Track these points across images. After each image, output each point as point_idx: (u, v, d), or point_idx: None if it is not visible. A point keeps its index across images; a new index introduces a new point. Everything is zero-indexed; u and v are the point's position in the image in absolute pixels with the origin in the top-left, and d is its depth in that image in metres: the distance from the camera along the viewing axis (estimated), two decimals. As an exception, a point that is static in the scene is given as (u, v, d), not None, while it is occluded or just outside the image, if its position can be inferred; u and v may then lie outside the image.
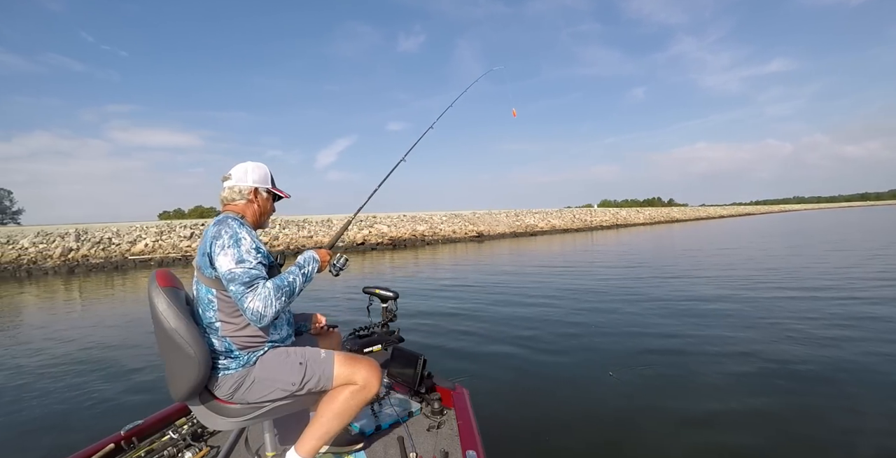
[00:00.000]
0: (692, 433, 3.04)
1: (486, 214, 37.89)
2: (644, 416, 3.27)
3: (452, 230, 30.45)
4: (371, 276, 12.60)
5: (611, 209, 58.99)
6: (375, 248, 24.28)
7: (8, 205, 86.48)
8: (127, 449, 2.19)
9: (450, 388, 2.61)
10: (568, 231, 36.26)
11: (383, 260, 17.68)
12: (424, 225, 30.35)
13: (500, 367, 4.36)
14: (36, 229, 25.79)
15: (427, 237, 28.01)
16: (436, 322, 6.35)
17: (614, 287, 8.69)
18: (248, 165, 1.98)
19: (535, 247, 21.78)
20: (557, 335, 5.37)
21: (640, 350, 4.72)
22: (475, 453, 1.91)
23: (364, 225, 28.48)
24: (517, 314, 6.68)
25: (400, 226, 29.29)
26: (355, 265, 15.93)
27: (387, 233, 27.10)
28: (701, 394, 3.63)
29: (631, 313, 6.38)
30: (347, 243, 24.58)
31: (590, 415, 3.31)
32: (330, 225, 27.95)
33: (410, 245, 25.64)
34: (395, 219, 31.38)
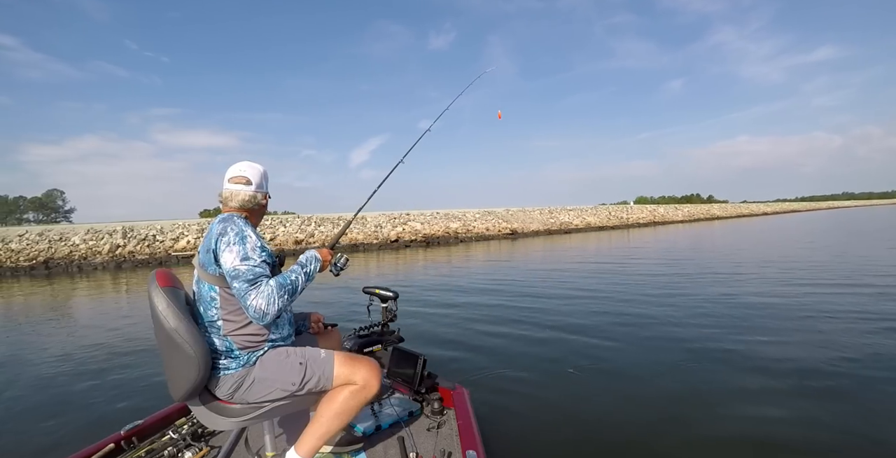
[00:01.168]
0: (694, 433, 3.00)
1: (519, 212, 37.53)
2: (645, 416, 3.24)
3: (486, 228, 30.28)
4: (398, 274, 12.61)
5: (648, 206, 57.45)
6: (409, 245, 24.33)
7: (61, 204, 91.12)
8: (127, 449, 2.20)
9: (450, 388, 2.62)
10: (604, 229, 35.55)
11: (417, 258, 17.67)
12: (458, 222, 30.27)
13: (500, 367, 4.32)
14: (86, 226, 26.93)
15: (460, 235, 27.92)
16: (437, 322, 6.29)
17: (637, 287, 8.45)
18: (259, 168, 1.98)
19: (568, 245, 21.38)
20: (561, 336, 5.32)
21: (650, 353, 4.61)
22: (475, 453, 1.91)
23: (397, 222, 28.61)
24: (524, 314, 6.58)
25: (433, 223, 29.29)
26: (389, 263, 15.98)
27: (420, 230, 27.13)
28: (707, 395, 3.57)
29: (643, 315, 6.17)
30: (382, 241, 24.74)
31: (590, 415, 3.28)
32: (364, 222, 28.17)
33: (444, 243, 25.61)
34: (429, 216, 31.39)
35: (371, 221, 28.44)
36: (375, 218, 29.62)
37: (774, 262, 11.45)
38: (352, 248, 23.37)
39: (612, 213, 43.02)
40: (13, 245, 21.57)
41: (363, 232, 25.86)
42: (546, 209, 40.60)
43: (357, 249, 23.25)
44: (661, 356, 4.47)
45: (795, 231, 24.73)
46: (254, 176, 1.94)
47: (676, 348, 4.71)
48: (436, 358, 4.42)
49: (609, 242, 22.36)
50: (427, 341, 5.32)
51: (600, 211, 43.47)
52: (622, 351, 4.68)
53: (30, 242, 22.05)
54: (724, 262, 11.80)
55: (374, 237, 25.25)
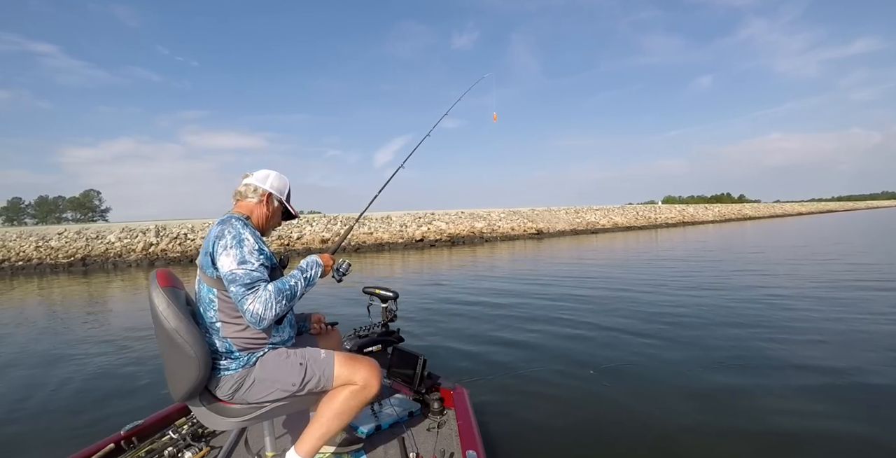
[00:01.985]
0: (706, 439, 2.92)
1: (545, 211, 37.20)
2: (647, 417, 3.19)
3: (511, 227, 30.10)
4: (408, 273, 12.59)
5: (676, 206, 56.21)
6: (434, 245, 24.34)
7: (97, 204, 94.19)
8: (127, 449, 2.20)
9: (450, 388, 2.61)
10: (631, 229, 34.98)
11: (441, 257, 17.65)
12: (483, 222, 30.16)
13: (500, 367, 4.29)
14: (121, 225, 27.75)
15: (486, 234, 27.82)
16: (438, 322, 6.26)
17: (663, 288, 8.16)
18: (272, 173, 2.01)
19: (595, 245, 21.09)
20: (569, 337, 5.24)
21: (669, 355, 4.49)
22: (475, 453, 1.90)
23: (422, 222, 28.65)
24: (534, 315, 6.49)
25: (458, 223, 29.25)
26: (414, 262, 15.99)
27: (445, 230, 27.12)
28: (706, 396, 3.51)
29: (667, 316, 5.98)
30: (407, 240, 24.80)
31: (591, 416, 3.25)
32: (389, 222, 28.29)
33: (469, 242, 25.55)
34: (453, 216, 31.36)
35: (396, 221, 28.55)
36: (400, 217, 29.72)
37: (811, 263, 11.05)
38: (377, 247, 23.50)
39: (640, 213, 42.28)
40: (53, 243, 22.36)
41: (388, 232, 25.98)
42: (572, 209, 40.13)
43: (382, 248, 23.37)
44: (681, 359, 4.35)
45: (833, 231, 23.86)
46: (259, 173, 2.00)
47: (700, 350, 4.54)
48: (436, 358, 4.36)
49: (637, 242, 21.97)
50: (427, 341, 5.29)
51: (627, 211, 42.78)
52: (637, 352, 4.57)
53: (68, 240, 22.84)
54: (757, 263, 11.40)
55: (399, 237, 25.33)
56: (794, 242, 18.40)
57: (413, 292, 9.07)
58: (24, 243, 22.40)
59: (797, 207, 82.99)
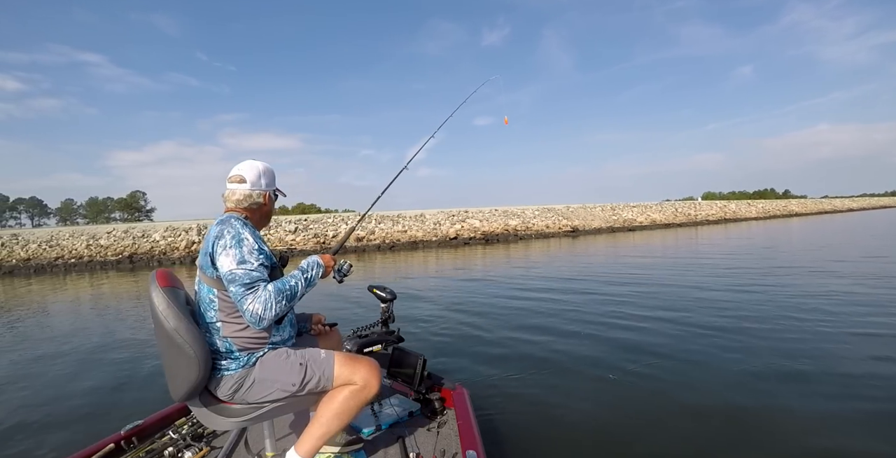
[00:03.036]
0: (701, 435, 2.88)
1: (580, 208, 36.61)
2: (647, 418, 3.17)
3: (546, 225, 29.74)
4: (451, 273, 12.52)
5: (717, 202, 54.41)
6: (468, 243, 24.27)
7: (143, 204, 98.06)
8: (127, 449, 2.20)
9: (450, 388, 2.61)
10: (670, 226, 34.04)
11: (474, 255, 17.56)
12: (517, 220, 29.91)
13: (501, 367, 4.24)
14: (165, 224, 28.76)
15: (520, 232, 27.57)
16: (438, 322, 6.18)
17: (697, 289, 7.77)
18: (258, 166, 1.93)
19: (632, 243, 20.59)
20: (567, 338, 5.14)
21: (661, 354, 4.39)
22: (475, 453, 1.90)
23: (456, 220, 28.61)
24: (538, 314, 6.40)
25: (492, 221, 29.08)
26: (447, 260, 15.96)
27: (479, 228, 27.00)
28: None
29: (696, 321, 5.64)
30: (441, 238, 24.81)
31: (591, 416, 3.22)
32: (423, 220, 28.36)
33: (503, 240, 25.36)
34: (487, 214, 31.20)
35: (430, 219, 28.60)
36: (434, 215, 29.76)
37: (867, 263, 10.46)
38: (411, 245, 23.59)
39: (679, 209, 41.12)
40: (102, 241, 23.37)
41: (422, 229, 26.04)
42: (608, 206, 39.36)
43: (416, 246, 23.43)
44: (701, 364, 4.14)
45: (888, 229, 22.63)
46: (250, 174, 1.91)
47: (727, 357, 4.28)
48: (436, 358, 4.43)
49: (675, 239, 21.33)
50: (428, 340, 5.24)
51: (666, 207, 41.67)
52: (651, 355, 4.42)
53: (116, 238, 23.82)
54: (805, 263, 10.77)
55: (433, 235, 25.36)
56: (845, 240, 17.51)
57: (422, 291, 9.06)
58: (77, 242, 23.49)
59: (847, 202, 79.15)
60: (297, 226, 25.64)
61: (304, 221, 27.16)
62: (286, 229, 25.03)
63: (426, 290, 9.30)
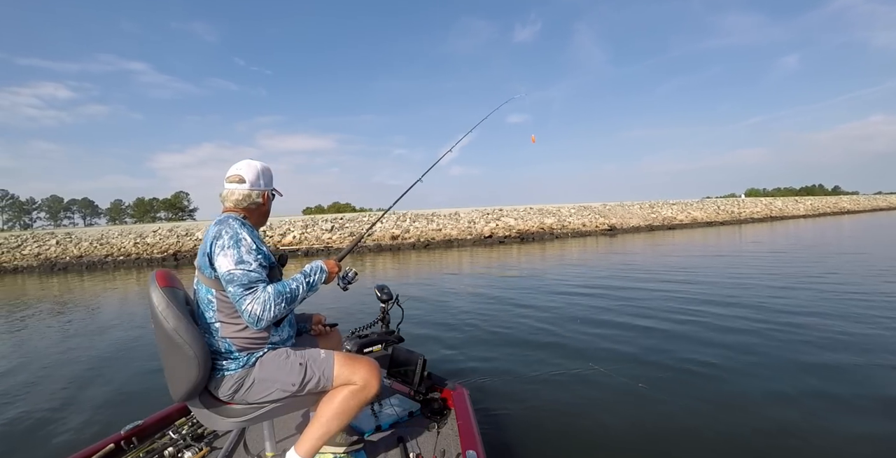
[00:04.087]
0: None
1: (617, 206, 35.84)
2: (649, 419, 3.12)
3: (582, 223, 29.24)
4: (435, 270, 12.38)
5: (762, 199, 52.29)
6: (503, 241, 24.08)
7: (186, 204, 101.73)
8: (127, 449, 2.19)
9: (450, 388, 2.60)
10: (712, 224, 32.92)
11: (509, 254, 17.37)
12: (552, 218, 29.51)
13: (500, 367, 4.22)
14: (207, 223, 29.59)
15: (556, 231, 27.18)
16: (439, 322, 6.13)
17: (737, 291, 7.35)
18: (257, 166, 1.92)
19: (671, 241, 19.97)
20: (568, 338, 5.07)
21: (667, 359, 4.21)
22: (475, 453, 1.89)
23: (490, 218, 28.45)
24: (530, 313, 6.34)
25: (527, 219, 28.79)
26: (482, 258, 15.84)
27: (514, 226, 26.77)
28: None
29: (689, 323, 5.38)
30: (475, 236, 24.70)
31: (591, 416, 3.19)
32: (457, 218, 28.31)
33: (538, 239, 25.05)
34: (522, 212, 30.91)
35: (464, 217, 28.53)
36: (468, 214, 29.68)
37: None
38: (446, 243, 23.57)
39: (721, 207, 39.72)
40: (148, 239, 24.29)
41: (457, 228, 25.99)
42: (646, 204, 38.38)
43: (451, 245, 23.40)
44: (714, 365, 3.99)
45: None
46: (248, 174, 1.89)
47: (758, 373, 3.96)
48: (436, 358, 4.40)
49: (717, 238, 20.57)
50: (429, 340, 5.20)
51: (707, 205, 40.31)
52: (663, 356, 4.30)
53: (161, 236, 24.72)
54: (863, 266, 10.04)
55: (467, 233, 25.28)
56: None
57: (432, 290, 8.99)
58: (125, 240, 24.48)
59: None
60: (333, 225, 26.00)
61: (340, 220, 27.52)
62: (323, 227, 25.42)
63: (436, 289, 9.23)
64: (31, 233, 29.45)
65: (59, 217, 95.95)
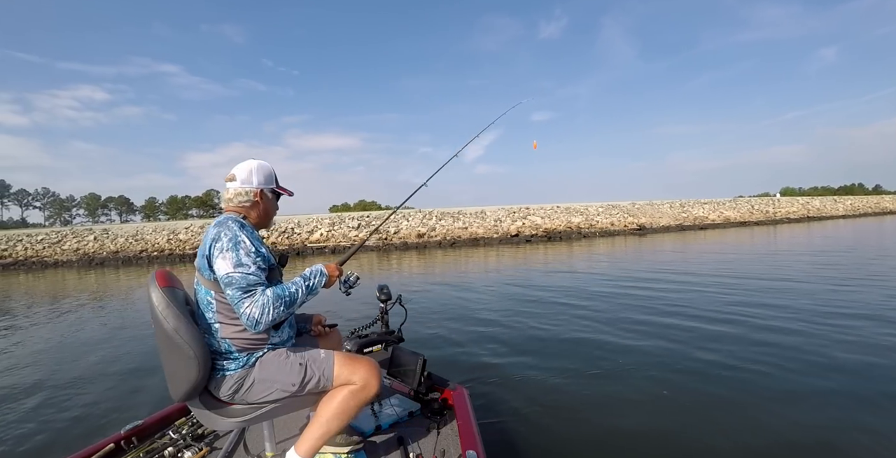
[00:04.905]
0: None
1: (647, 205, 35.17)
2: (650, 421, 3.09)
3: (610, 222, 28.78)
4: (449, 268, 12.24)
5: (799, 198, 50.58)
6: (530, 240, 23.88)
7: (217, 202, 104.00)
8: (127, 449, 2.19)
9: (450, 388, 2.60)
10: (745, 224, 32.02)
11: (535, 253, 17.19)
12: (580, 217, 29.14)
13: (502, 367, 4.20)
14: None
15: (583, 230, 26.83)
16: (444, 322, 6.08)
17: (763, 295, 7.00)
18: (252, 164, 1.92)
19: (702, 241, 19.46)
20: (570, 338, 5.02)
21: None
22: (475, 453, 1.89)
23: (517, 217, 28.26)
24: (541, 313, 6.27)
25: (554, 218, 28.50)
26: (506, 258, 15.71)
27: (541, 225, 26.53)
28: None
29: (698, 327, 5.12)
30: (501, 235, 24.55)
31: (591, 416, 3.17)
32: (483, 217, 28.20)
33: (566, 238, 24.77)
34: (549, 211, 30.60)
35: (490, 216, 28.41)
36: (494, 212, 29.54)
37: None
38: (472, 242, 23.50)
39: (756, 206, 38.59)
40: (181, 236, 24.91)
41: (483, 226, 25.90)
42: (677, 203, 37.54)
43: (477, 243, 23.32)
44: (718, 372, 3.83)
45: None
46: (241, 172, 1.90)
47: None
48: (437, 358, 4.31)
49: (751, 239, 19.95)
50: (429, 340, 5.16)
51: (740, 204, 39.20)
52: (671, 358, 4.21)
53: (193, 233, 25.29)
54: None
55: (493, 231, 25.16)
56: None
57: (444, 290, 8.88)
58: (159, 236, 25.15)
59: (952, 199, 71.37)
60: (359, 222, 26.19)
61: (367, 218, 27.71)
62: (349, 225, 25.63)
63: (450, 288, 9.16)
64: (70, 229, 30.57)
65: (97, 214, 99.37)
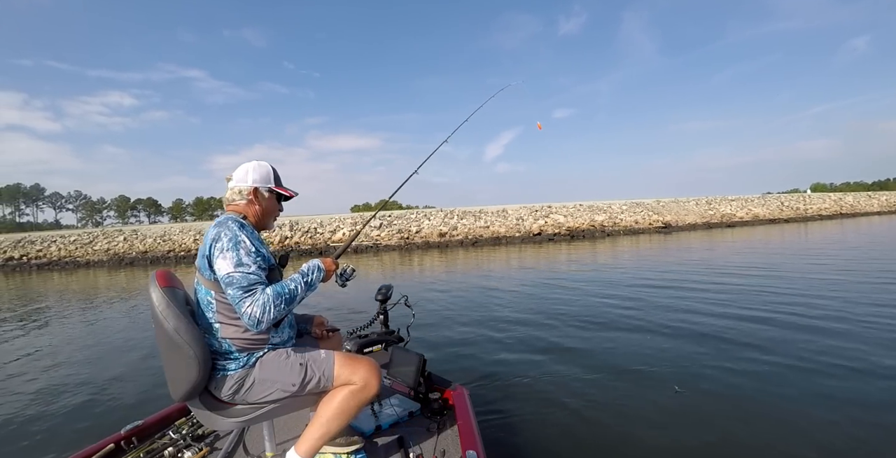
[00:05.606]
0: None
1: (672, 203, 34.52)
2: (652, 422, 3.04)
3: (635, 220, 28.32)
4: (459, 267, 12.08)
5: (831, 194, 49.03)
6: (553, 239, 23.64)
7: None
8: (127, 449, 2.19)
9: (450, 388, 2.61)
10: (775, 222, 31.17)
11: (557, 252, 16.98)
12: (603, 215, 28.73)
13: (500, 367, 4.18)
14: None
15: (607, 228, 26.45)
16: (448, 322, 6.06)
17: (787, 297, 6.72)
18: (249, 165, 1.93)
19: (731, 238, 18.98)
20: (574, 339, 4.93)
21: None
22: (475, 453, 1.89)
23: (539, 215, 28.01)
24: (550, 312, 6.21)
25: (577, 216, 28.16)
26: (528, 257, 15.56)
27: (563, 223, 26.24)
28: None
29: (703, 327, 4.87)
30: (524, 234, 24.36)
31: (591, 417, 3.15)
32: (505, 215, 28.03)
33: (589, 236, 24.45)
34: (572, 209, 30.26)
35: (512, 214, 28.22)
36: (516, 211, 29.33)
37: None
38: (494, 241, 23.37)
39: (786, 203, 37.55)
40: (207, 237, 25.33)
41: (504, 225, 25.74)
42: (703, 200, 36.76)
43: (499, 242, 23.18)
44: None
45: None
46: (237, 172, 1.92)
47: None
48: (437, 358, 4.38)
49: (781, 236, 19.38)
50: (430, 340, 5.13)
51: (769, 201, 38.17)
52: (677, 360, 4.12)
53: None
54: None
55: (515, 230, 24.99)
56: None
57: (446, 289, 8.79)
58: (185, 237, 25.63)
59: None
60: (381, 222, 26.28)
61: (388, 217, 27.79)
62: (371, 224, 25.73)
63: (462, 287, 9.06)
64: (101, 230, 31.39)
65: (127, 216, 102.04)
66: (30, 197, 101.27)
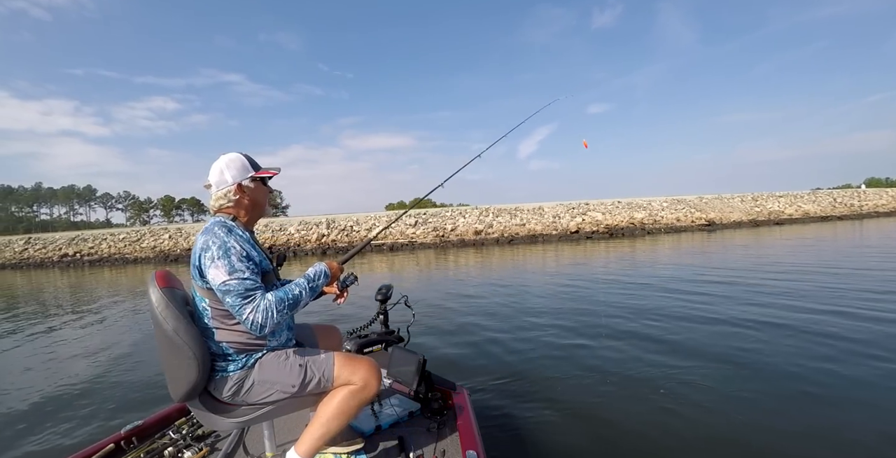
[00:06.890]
0: None
1: (715, 199, 33.30)
2: (648, 418, 3.06)
3: (676, 218, 27.44)
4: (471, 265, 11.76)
5: (888, 190, 46.28)
6: (591, 237, 23.15)
7: (279, 202, 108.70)
8: (127, 449, 2.19)
9: (450, 388, 2.61)
10: (827, 219, 29.65)
11: (595, 251, 16.56)
12: (643, 212, 27.95)
13: (501, 367, 4.16)
14: (298, 219, 31.22)
15: (647, 226, 25.72)
16: (440, 322, 6.00)
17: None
18: (220, 163, 1.83)
19: (777, 238, 18.10)
20: (573, 337, 4.93)
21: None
22: (475, 453, 1.89)
23: (576, 213, 27.50)
24: (558, 312, 6.14)
25: (615, 213, 27.51)
26: (564, 255, 15.23)
27: (601, 221, 25.66)
28: None
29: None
30: (561, 231, 23.95)
31: (591, 417, 3.14)
32: (541, 213, 27.64)
33: (628, 234, 23.83)
34: (610, 206, 29.58)
35: (548, 212, 27.81)
36: (553, 208, 28.89)
37: None
38: (530, 239, 23.06)
39: (839, 199, 35.70)
40: (247, 235, 26.01)
41: (541, 223, 25.38)
42: (748, 196, 35.32)
43: (536, 240, 22.86)
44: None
45: None
46: (213, 176, 1.82)
47: None
48: (437, 358, 4.35)
49: (833, 234, 18.35)
50: (430, 341, 5.12)
51: (820, 197, 36.33)
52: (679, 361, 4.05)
53: (258, 232, 26.31)
54: None
55: (552, 228, 24.60)
56: None
57: (452, 291, 8.62)
58: (226, 235, 26.33)
59: None
60: (416, 220, 26.33)
61: (423, 215, 27.82)
62: (406, 222, 25.81)
63: (475, 287, 8.87)
64: (148, 229, 32.62)
65: (172, 215, 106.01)
66: (83, 198, 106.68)
